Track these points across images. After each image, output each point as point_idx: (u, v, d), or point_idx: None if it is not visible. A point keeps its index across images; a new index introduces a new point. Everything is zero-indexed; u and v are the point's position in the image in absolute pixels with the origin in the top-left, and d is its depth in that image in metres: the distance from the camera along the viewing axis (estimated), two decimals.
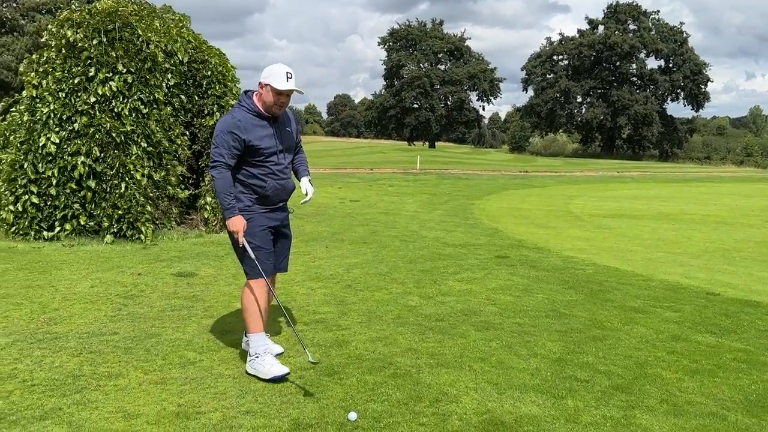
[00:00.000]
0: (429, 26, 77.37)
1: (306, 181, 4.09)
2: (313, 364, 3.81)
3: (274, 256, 3.96)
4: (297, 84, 3.71)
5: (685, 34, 68.56)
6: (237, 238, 3.70)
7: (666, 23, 69.34)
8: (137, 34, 8.32)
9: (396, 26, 77.00)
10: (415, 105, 75.68)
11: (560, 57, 72.34)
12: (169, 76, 8.64)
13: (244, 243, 3.71)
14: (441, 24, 78.34)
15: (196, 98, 9.13)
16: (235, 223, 3.67)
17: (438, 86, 75.37)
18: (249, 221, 3.74)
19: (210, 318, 4.86)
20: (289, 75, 3.69)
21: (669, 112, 70.74)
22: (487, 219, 11.20)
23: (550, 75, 72.18)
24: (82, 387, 3.50)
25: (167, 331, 4.52)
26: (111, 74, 8.07)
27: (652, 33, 67.47)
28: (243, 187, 3.76)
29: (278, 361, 3.77)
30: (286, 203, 4.03)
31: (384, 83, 78.90)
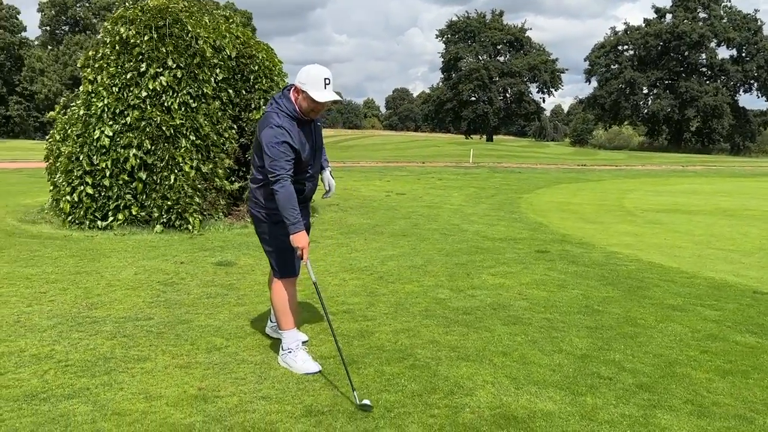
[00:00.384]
0: (489, 17, 76.39)
1: (327, 174, 4.06)
2: (363, 409, 3.26)
3: None
4: (335, 86, 3.55)
5: (760, 22, 65.44)
6: (300, 254, 3.56)
7: (739, 11, 66.36)
8: (187, 30, 8.58)
9: (455, 18, 76.38)
10: (473, 98, 75.01)
11: (625, 47, 70.26)
12: (218, 71, 8.86)
13: (298, 252, 3.55)
14: (501, 15, 77.25)
15: (244, 92, 9.34)
16: (301, 239, 3.52)
17: (497, 78, 74.39)
18: None
19: (242, 306, 4.99)
20: (327, 81, 3.51)
21: (741, 104, 67.74)
22: (533, 213, 11.02)
23: (615, 66, 70.23)
24: (112, 369, 3.67)
25: (199, 318, 4.67)
26: (161, 69, 8.36)
27: (724, 21, 64.66)
28: None
29: (310, 358, 3.80)
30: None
31: (441, 76, 78.53)
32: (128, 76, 8.31)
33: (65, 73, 63.86)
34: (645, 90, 69.45)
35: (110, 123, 8.25)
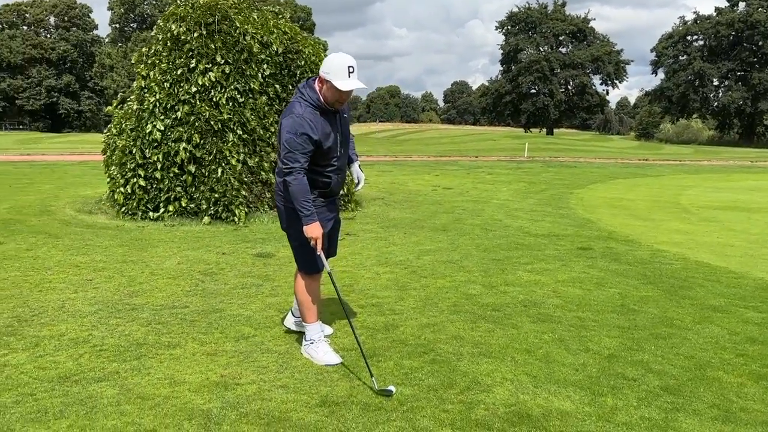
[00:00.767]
0: (550, 8, 74.67)
1: (356, 167, 4.03)
2: (383, 394, 3.36)
3: (327, 245, 3.95)
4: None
5: None
6: (314, 245, 3.60)
7: None
8: (235, 26, 8.79)
9: (515, 9, 75.01)
10: (533, 90, 73.58)
11: (695, 37, 67.33)
12: (265, 67, 9.04)
13: (312, 242, 3.60)
14: (563, 5, 75.33)
15: (290, 87, 9.49)
16: (314, 230, 3.54)
17: (558, 70, 72.71)
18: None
19: (274, 297, 5.11)
20: (351, 69, 3.45)
21: None
22: (582, 209, 10.78)
23: (683, 57, 67.45)
24: (142, 354, 3.84)
25: (232, 307, 4.82)
26: (210, 65, 8.60)
27: None
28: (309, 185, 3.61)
29: (332, 350, 3.87)
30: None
31: (501, 68, 77.38)
32: (179, 72, 8.59)
33: (132, 69, 66.39)
34: (715, 82, 66.45)
35: (162, 117, 8.55)
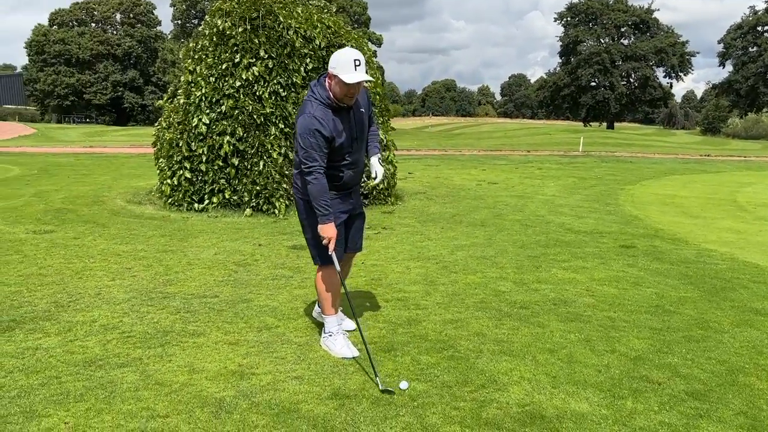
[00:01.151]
0: None
1: (376, 161, 3.98)
2: (387, 393, 3.33)
3: (349, 237, 4.00)
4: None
5: None
6: (326, 243, 3.64)
7: None
8: (279, 21, 8.89)
9: (575, 0, 73.11)
10: (593, 83, 71.67)
11: (765, 28, 64.19)
12: (308, 61, 9.12)
13: (325, 241, 3.63)
14: None
15: None
16: (329, 230, 3.60)
17: (619, 62, 70.58)
18: None
19: (302, 288, 5.17)
20: (357, 62, 3.46)
21: None
22: (631, 206, 10.45)
23: (753, 48, 64.48)
24: (167, 342, 3.95)
25: (260, 298, 4.90)
26: (254, 60, 8.73)
27: None
28: None
29: (349, 343, 3.90)
30: (359, 184, 4.08)
31: (559, 61, 75.70)
32: (224, 67, 8.76)
33: None
34: None
35: (207, 111, 8.75)
